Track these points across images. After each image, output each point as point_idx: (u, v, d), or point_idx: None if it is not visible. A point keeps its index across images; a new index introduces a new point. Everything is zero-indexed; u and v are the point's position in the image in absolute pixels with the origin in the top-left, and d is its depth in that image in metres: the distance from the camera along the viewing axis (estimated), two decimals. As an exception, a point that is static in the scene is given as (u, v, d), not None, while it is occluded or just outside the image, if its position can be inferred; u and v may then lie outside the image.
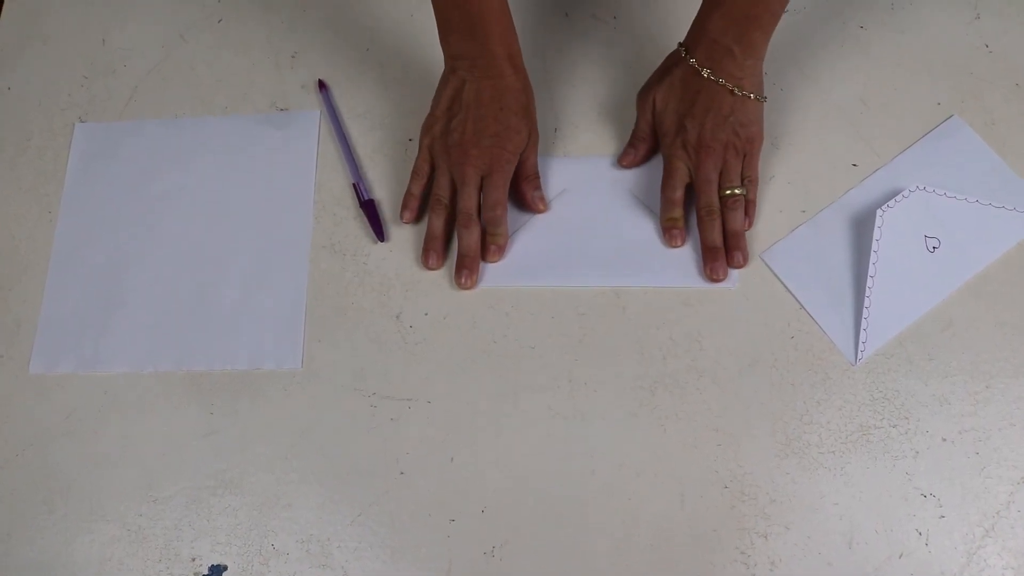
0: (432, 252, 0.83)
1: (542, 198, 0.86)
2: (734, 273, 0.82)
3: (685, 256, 0.83)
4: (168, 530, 0.77)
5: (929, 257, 0.81)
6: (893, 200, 0.81)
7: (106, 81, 0.97)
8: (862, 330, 0.79)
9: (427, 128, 0.86)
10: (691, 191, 0.84)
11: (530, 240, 0.85)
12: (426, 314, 0.83)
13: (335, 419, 0.80)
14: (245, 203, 0.89)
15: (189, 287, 0.86)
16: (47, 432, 0.82)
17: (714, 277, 0.82)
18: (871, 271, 0.80)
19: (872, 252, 0.80)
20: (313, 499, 0.77)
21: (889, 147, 0.86)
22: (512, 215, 0.85)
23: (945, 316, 0.80)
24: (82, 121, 0.95)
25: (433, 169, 0.86)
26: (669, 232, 0.83)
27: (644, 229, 0.84)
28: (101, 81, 0.97)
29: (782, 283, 0.82)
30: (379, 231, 0.86)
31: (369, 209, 0.86)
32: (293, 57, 0.96)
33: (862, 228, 0.82)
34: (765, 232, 0.84)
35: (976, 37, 0.91)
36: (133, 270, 0.87)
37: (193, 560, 0.76)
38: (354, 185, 0.88)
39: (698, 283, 0.82)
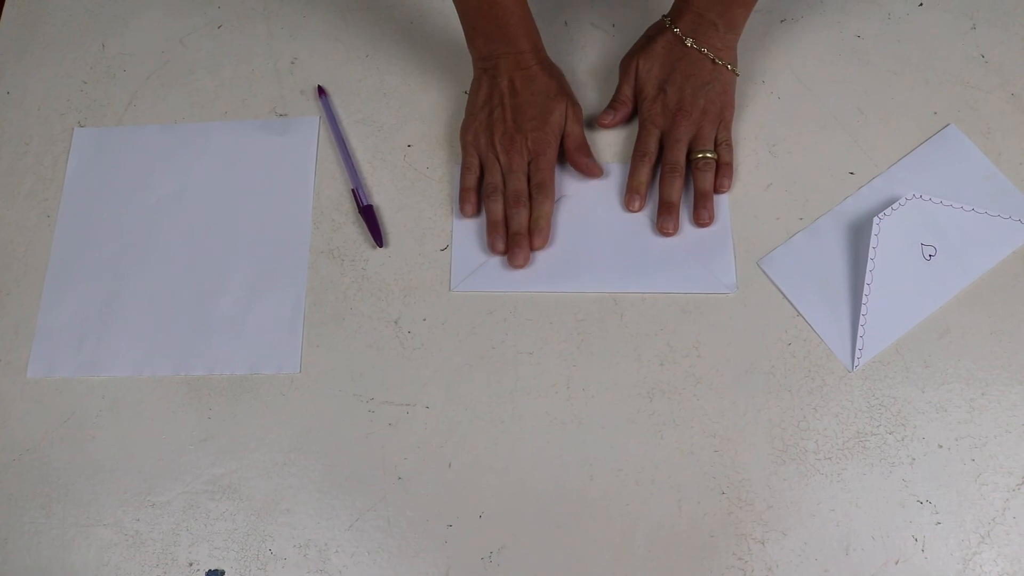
0: (497, 237, 0.85)
1: (595, 164, 0.88)
2: (732, 278, 0.82)
3: (683, 262, 0.83)
4: (165, 535, 0.77)
5: (926, 265, 0.81)
6: (890, 208, 0.82)
7: (105, 86, 0.97)
8: (859, 337, 0.79)
9: (467, 127, 0.88)
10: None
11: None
12: (424, 319, 0.83)
13: (333, 424, 0.80)
14: (244, 208, 0.89)
15: (188, 291, 0.86)
16: (45, 436, 0.82)
17: (663, 230, 0.84)
18: (868, 279, 0.80)
19: (869, 260, 0.80)
20: (311, 504, 0.78)
21: (886, 155, 0.87)
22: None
23: (941, 324, 0.80)
24: (81, 126, 0.95)
25: (480, 163, 0.88)
26: (631, 195, 0.85)
27: (642, 235, 0.84)
28: (100, 86, 0.97)
29: (779, 290, 0.82)
30: (378, 236, 0.86)
31: (368, 214, 0.86)
32: (293, 63, 0.96)
33: (859, 236, 0.83)
34: (762, 239, 0.84)
35: (972, 47, 0.92)
36: (131, 275, 0.87)
37: (191, 565, 0.76)
38: (353, 191, 0.88)
39: (696, 290, 0.82)
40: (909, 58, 0.92)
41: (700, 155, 0.85)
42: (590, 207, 0.86)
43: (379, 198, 0.89)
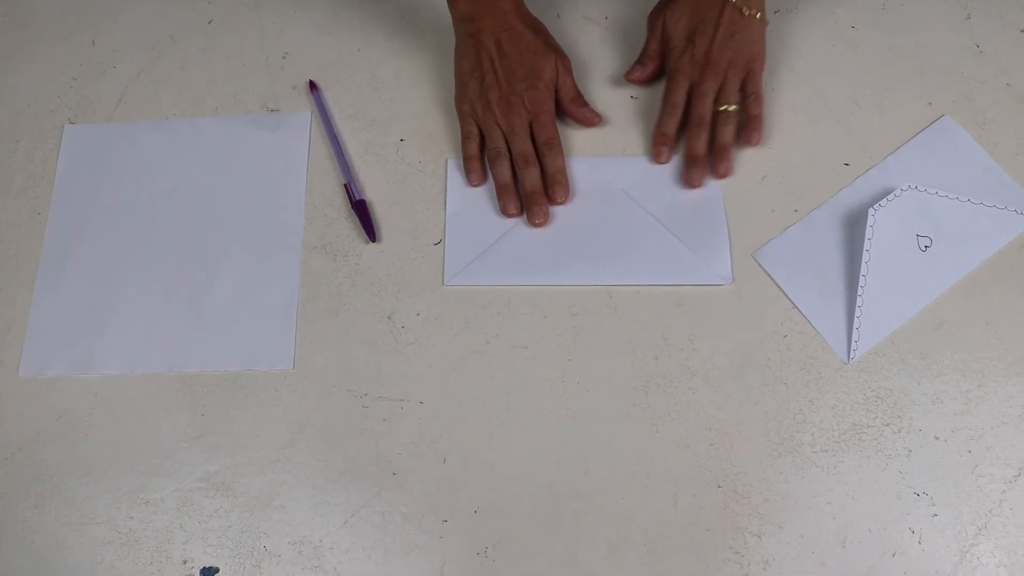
0: (509, 200, 0.86)
1: (592, 112, 0.89)
2: (727, 271, 0.82)
3: (678, 255, 0.83)
4: (159, 532, 0.77)
5: (921, 256, 0.81)
6: (885, 199, 0.81)
7: (96, 83, 0.96)
8: (855, 329, 0.79)
9: (461, 96, 0.89)
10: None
11: (523, 239, 0.84)
12: (418, 314, 0.83)
13: (327, 420, 0.80)
14: (236, 204, 0.89)
15: (180, 288, 0.85)
16: (37, 434, 0.81)
17: (690, 183, 0.85)
18: (863, 270, 0.80)
19: (864, 251, 0.80)
20: (305, 500, 0.77)
21: (881, 147, 0.87)
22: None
23: (937, 315, 0.80)
24: (72, 123, 0.94)
25: (480, 130, 0.88)
26: (657, 147, 0.86)
27: (636, 227, 0.84)
28: (91, 83, 0.96)
29: (775, 282, 0.82)
30: (371, 231, 0.85)
31: (360, 209, 0.86)
32: (284, 58, 0.96)
33: (854, 227, 0.83)
34: (757, 231, 0.84)
35: (967, 37, 0.92)
36: (124, 272, 0.87)
37: (185, 563, 0.76)
38: (345, 186, 0.88)
39: (691, 282, 0.82)
40: (904, 49, 0.91)
41: (723, 108, 0.86)
42: (583, 200, 0.86)
43: (372, 193, 0.88)
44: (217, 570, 0.76)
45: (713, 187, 0.86)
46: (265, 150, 0.91)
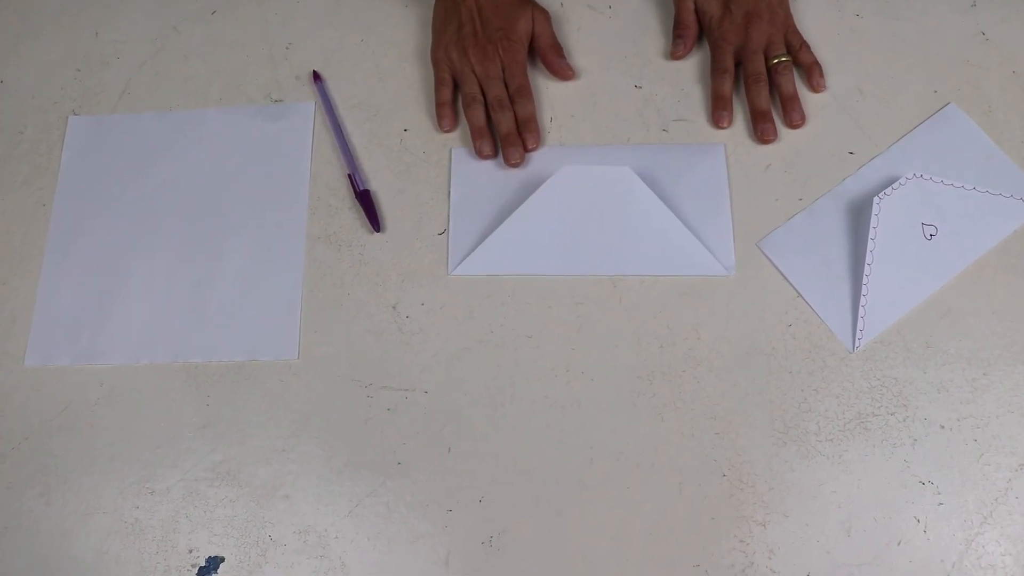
0: (484, 142, 0.87)
1: (568, 64, 0.91)
2: (731, 260, 0.82)
3: (682, 244, 0.83)
4: (165, 522, 0.77)
5: (927, 245, 0.81)
6: (890, 188, 0.81)
7: (99, 74, 0.96)
8: (860, 318, 0.79)
9: (437, 45, 0.92)
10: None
11: (527, 228, 0.84)
12: (422, 304, 0.83)
13: (332, 410, 0.80)
14: (240, 195, 0.89)
15: (185, 279, 0.85)
16: (43, 425, 0.81)
17: (765, 138, 0.86)
18: (869, 259, 0.79)
19: (869, 240, 0.80)
20: (310, 490, 0.77)
21: (886, 135, 0.86)
22: (523, 194, 0.85)
23: (943, 304, 0.80)
24: (76, 114, 0.94)
25: (453, 78, 0.91)
26: (718, 111, 0.87)
27: (641, 218, 0.84)
28: (94, 74, 0.96)
29: (779, 271, 0.81)
30: (375, 222, 0.85)
31: (364, 200, 0.86)
32: (287, 48, 0.96)
33: (859, 216, 0.82)
34: (762, 221, 0.84)
35: (973, 25, 0.91)
36: (128, 262, 0.87)
37: (190, 552, 0.76)
38: (349, 176, 0.88)
39: (695, 272, 0.82)
40: (909, 36, 0.91)
41: (776, 60, 0.88)
42: (588, 189, 0.86)
43: (376, 183, 0.88)
44: (223, 560, 0.76)
45: (717, 176, 0.85)
46: (269, 141, 0.91)
